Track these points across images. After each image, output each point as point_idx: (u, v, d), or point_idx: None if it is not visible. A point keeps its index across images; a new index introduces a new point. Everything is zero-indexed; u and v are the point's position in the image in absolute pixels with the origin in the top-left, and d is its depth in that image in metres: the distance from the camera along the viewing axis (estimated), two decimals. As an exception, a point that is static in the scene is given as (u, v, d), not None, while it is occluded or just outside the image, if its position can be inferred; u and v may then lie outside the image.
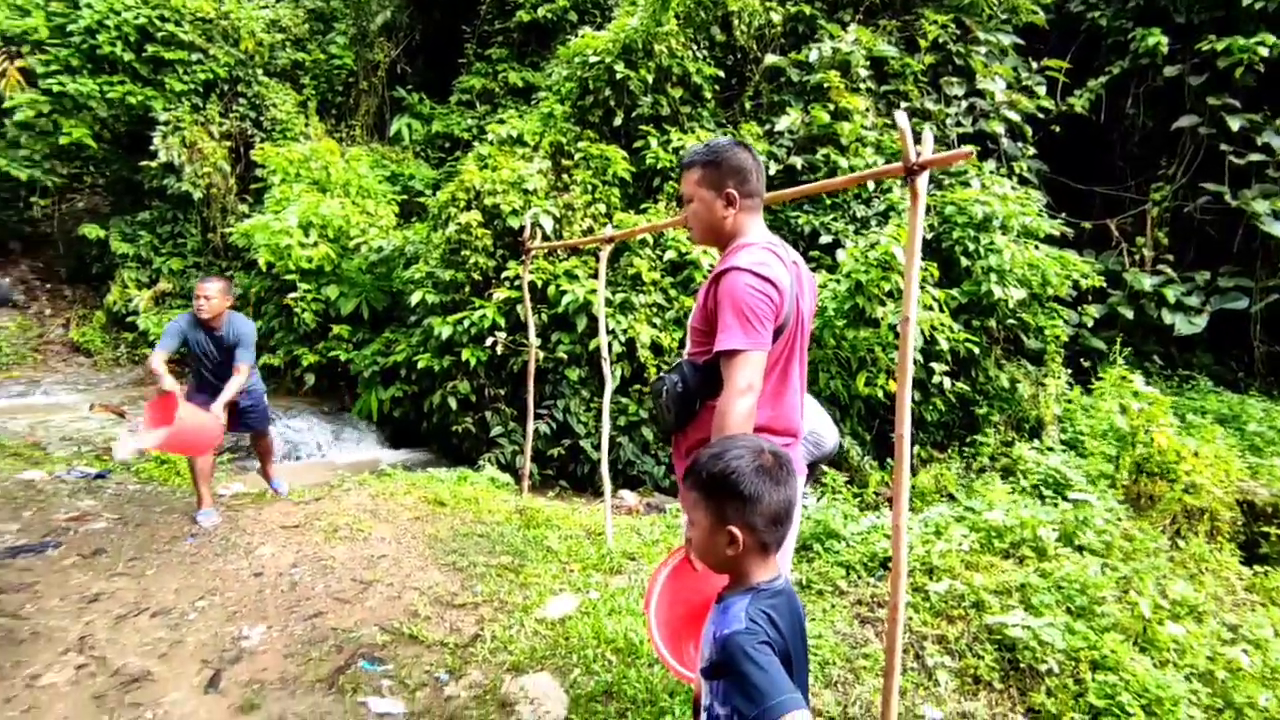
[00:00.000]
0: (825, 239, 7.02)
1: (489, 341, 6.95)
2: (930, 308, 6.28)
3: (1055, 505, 4.22)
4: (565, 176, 7.78)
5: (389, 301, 8.95)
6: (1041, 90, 8.10)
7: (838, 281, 6.15)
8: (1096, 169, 9.18)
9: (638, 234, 5.93)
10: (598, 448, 7.05)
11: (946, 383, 6.47)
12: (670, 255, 7.21)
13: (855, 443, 6.88)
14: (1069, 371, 7.37)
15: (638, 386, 7.05)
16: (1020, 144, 8.05)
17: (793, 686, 1.21)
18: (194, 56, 10.25)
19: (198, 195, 10.32)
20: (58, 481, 5.90)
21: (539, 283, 7.04)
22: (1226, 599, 3.63)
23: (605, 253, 4.44)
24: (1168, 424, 3.95)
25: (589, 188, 7.64)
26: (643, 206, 7.68)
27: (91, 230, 10.61)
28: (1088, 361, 8.26)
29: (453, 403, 7.36)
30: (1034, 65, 8.32)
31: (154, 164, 9.83)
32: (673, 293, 7.21)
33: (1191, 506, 3.86)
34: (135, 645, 3.09)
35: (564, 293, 6.87)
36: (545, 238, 7.28)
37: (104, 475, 6.14)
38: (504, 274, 7.28)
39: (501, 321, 7.13)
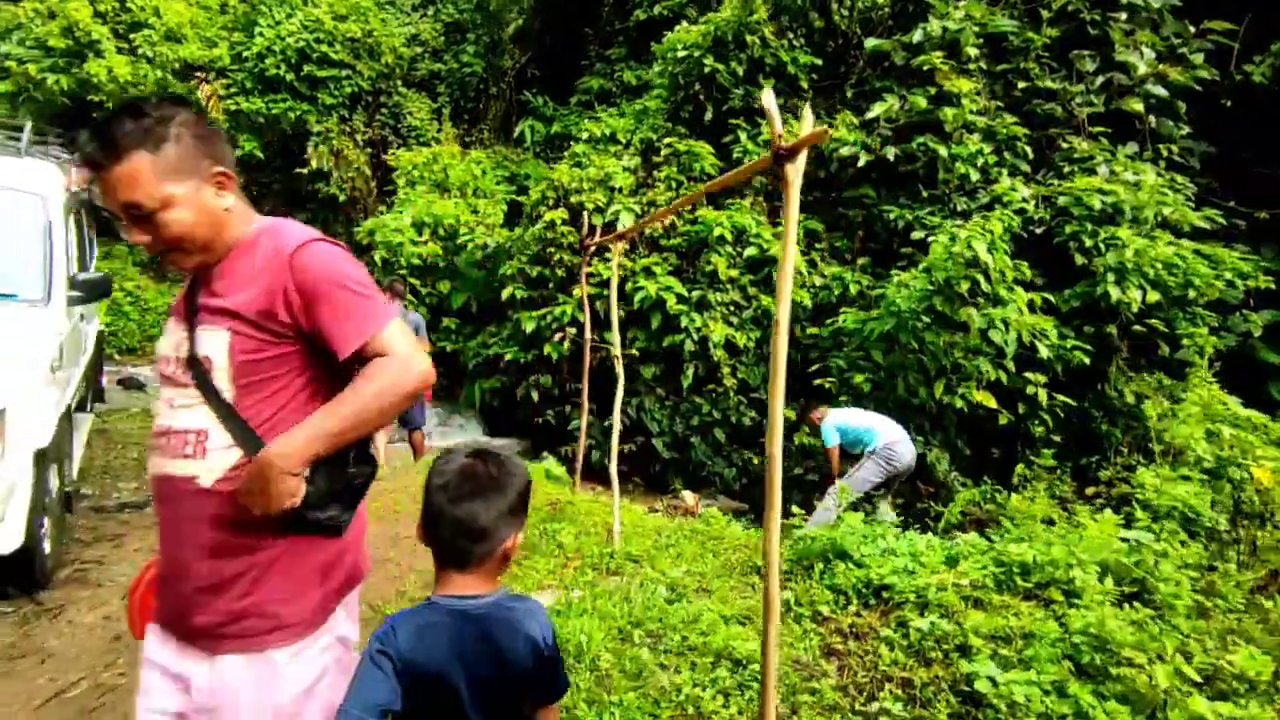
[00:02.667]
0: (918, 234, 6.48)
1: (557, 337, 7.11)
2: (1023, 310, 5.61)
3: (1175, 542, 3.59)
4: (656, 173, 7.77)
5: (494, 296, 9.41)
6: (1199, 59, 6.92)
7: (915, 279, 5.66)
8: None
9: (641, 227, 5.85)
10: (670, 446, 7.02)
11: (1044, 396, 5.75)
12: (750, 252, 6.98)
13: (945, 455, 6.32)
14: (1217, 386, 6.26)
15: (712, 386, 6.92)
16: (1173, 122, 6.94)
17: (369, 705, 1.15)
18: (343, 73, 11.33)
19: (343, 198, 11.42)
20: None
21: (614, 279, 7.09)
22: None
23: (617, 252, 4.38)
24: (1269, 455, 3.22)
25: (674, 184, 7.57)
26: (728, 202, 7.50)
27: (260, 230, 12.06)
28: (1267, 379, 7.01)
29: (534, 395, 7.61)
30: (1193, 29, 7.13)
31: (305, 170, 10.97)
32: (752, 290, 6.99)
33: (1300, 560, 3.14)
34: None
35: (639, 289, 6.88)
36: (640, 232, 7.32)
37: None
38: (589, 270, 7.41)
39: (582, 317, 7.26)
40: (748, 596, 3.46)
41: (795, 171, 1.91)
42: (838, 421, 5.45)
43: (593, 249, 5.90)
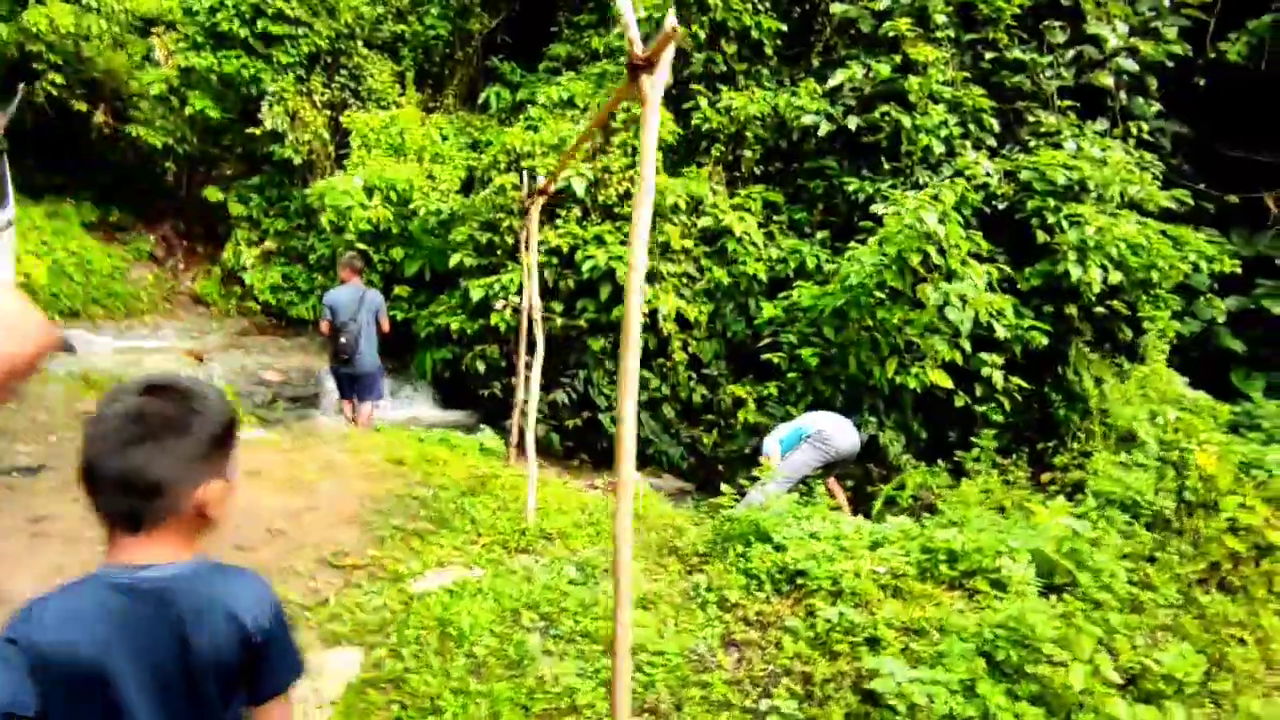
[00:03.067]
0: (878, 207, 6.22)
1: (499, 305, 6.81)
2: (980, 288, 5.38)
3: (1115, 531, 3.38)
4: (612, 139, 7.44)
5: (449, 264, 9.07)
6: (1173, 33, 6.68)
7: (868, 252, 5.40)
8: (1261, 132, 7.52)
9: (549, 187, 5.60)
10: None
11: (999, 378, 5.55)
12: (705, 222, 6.70)
13: (899, 437, 6.11)
14: (1183, 378, 6.09)
15: (661, 361, 6.66)
16: (1144, 99, 6.72)
17: None
18: (299, 31, 10.84)
19: (299, 161, 10.97)
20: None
21: (566, 247, 6.79)
22: (1266, 676, 2.77)
23: (535, 209, 4.09)
24: (1213, 440, 3.01)
25: (629, 150, 7.25)
26: (684, 171, 7.20)
27: (213, 194, 11.61)
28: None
29: (481, 366, 7.33)
30: (1168, 3, 6.88)
31: (258, 130, 10.52)
32: (705, 262, 6.72)
33: (1241, 552, 2.94)
34: (41, 568, 3.21)
35: (589, 258, 6.58)
36: (579, 199, 7.01)
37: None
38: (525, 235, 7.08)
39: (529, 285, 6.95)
40: (658, 579, 3.22)
41: (653, 85, 1.63)
42: (779, 436, 5.29)
43: (536, 211, 5.60)
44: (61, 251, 10.86)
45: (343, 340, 6.24)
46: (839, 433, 5.15)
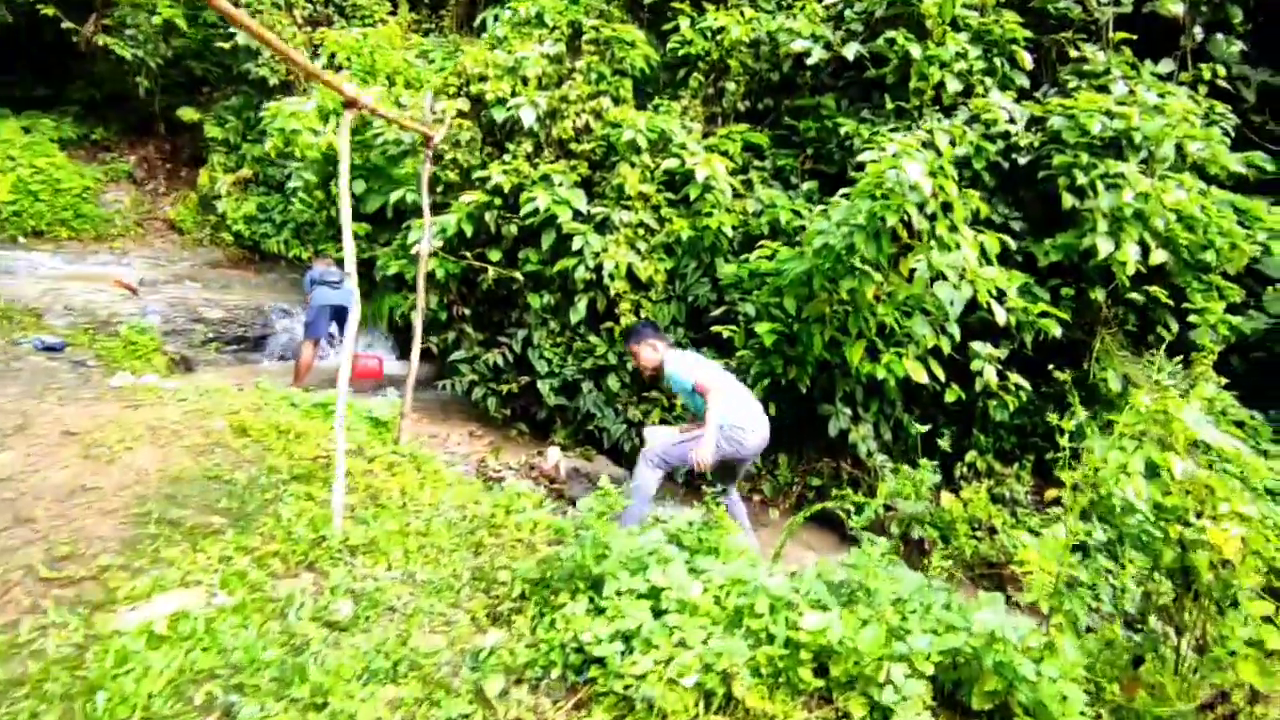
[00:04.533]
0: (867, 155, 5.13)
1: (416, 249, 5.96)
2: (979, 260, 4.31)
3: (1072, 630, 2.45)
4: (577, 63, 6.42)
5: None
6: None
7: (841, 208, 4.36)
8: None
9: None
10: (559, 391, 5.94)
11: (990, 374, 4.52)
12: (670, 164, 5.69)
13: (872, 433, 5.16)
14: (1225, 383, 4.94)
15: (609, 324, 5.75)
16: (1224, 36, 5.38)
17: None
18: (277, -66, 9.91)
19: (274, 81, 10.18)
20: (9, 345, 5.89)
21: (509, 186, 5.87)
22: None
23: (347, 120, 3.18)
24: (1238, 510, 2.02)
25: (596, 77, 6.23)
26: (655, 104, 6.16)
27: (187, 114, 10.92)
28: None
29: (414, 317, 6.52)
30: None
31: (228, 45, 9.72)
32: (666, 212, 5.73)
33: (1262, 689, 1.97)
34: None
35: (531, 200, 5.66)
36: (531, 131, 6.06)
37: (59, 348, 6.05)
38: (480, 175, 6.17)
39: (469, 230, 6.08)
40: (441, 630, 2.41)
41: None
42: (676, 369, 4.20)
43: (431, 147, 4.69)
44: (28, 168, 10.33)
45: (333, 268, 6.52)
46: (753, 425, 4.08)
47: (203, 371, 7.09)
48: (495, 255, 6.01)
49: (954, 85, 5.27)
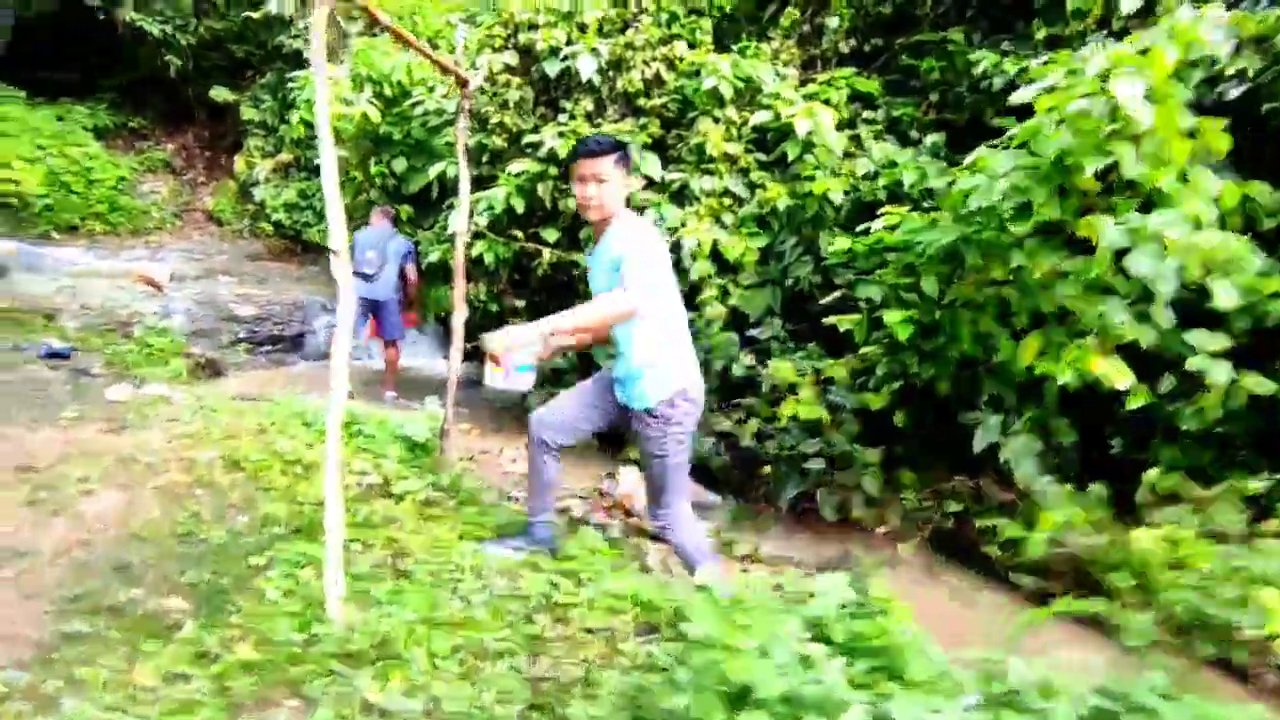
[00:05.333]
0: (1022, 95, 3.97)
1: (452, 228, 5.05)
2: (1201, 221, 3.14)
3: None
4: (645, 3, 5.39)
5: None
6: None
7: (1003, 160, 3.24)
8: None
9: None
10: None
11: (1221, 374, 3.34)
12: (761, 119, 4.63)
13: (1033, 448, 4.04)
14: None
15: (691, 316, 4.74)
16: None
17: None
18: (305, -108, 9.10)
19: (308, 53, 9.42)
20: (8, 353, 5.24)
21: (564, 152, 4.90)
22: None
23: (319, 21, 2.18)
24: None
25: (666, 19, 5.20)
26: (741, 46, 5.09)
27: (220, 94, 10.29)
28: None
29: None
30: None
31: (257, 14, 8.99)
32: (758, 176, 4.68)
33: None
34: None
35: (594, 169, 4.67)
36: (591, 86, 5.08)
37: (65, 354, 5.38)
38: (532, 139, 5.21)
39: (520, 206, 5.14)
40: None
41: None
42: (632, 238, 2.49)
43: (467, 103, 3.71)
44: (61, 158, 9.84)
45: (369, 255, 5.81)
46: (698, 390, 2.66)
47: (231, 376, 6.37)
48: (551, 235, 5.07)
49: (1130, 1, 4.06)
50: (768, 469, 4.50)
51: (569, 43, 5.16)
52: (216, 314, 7.19)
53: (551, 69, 5.15)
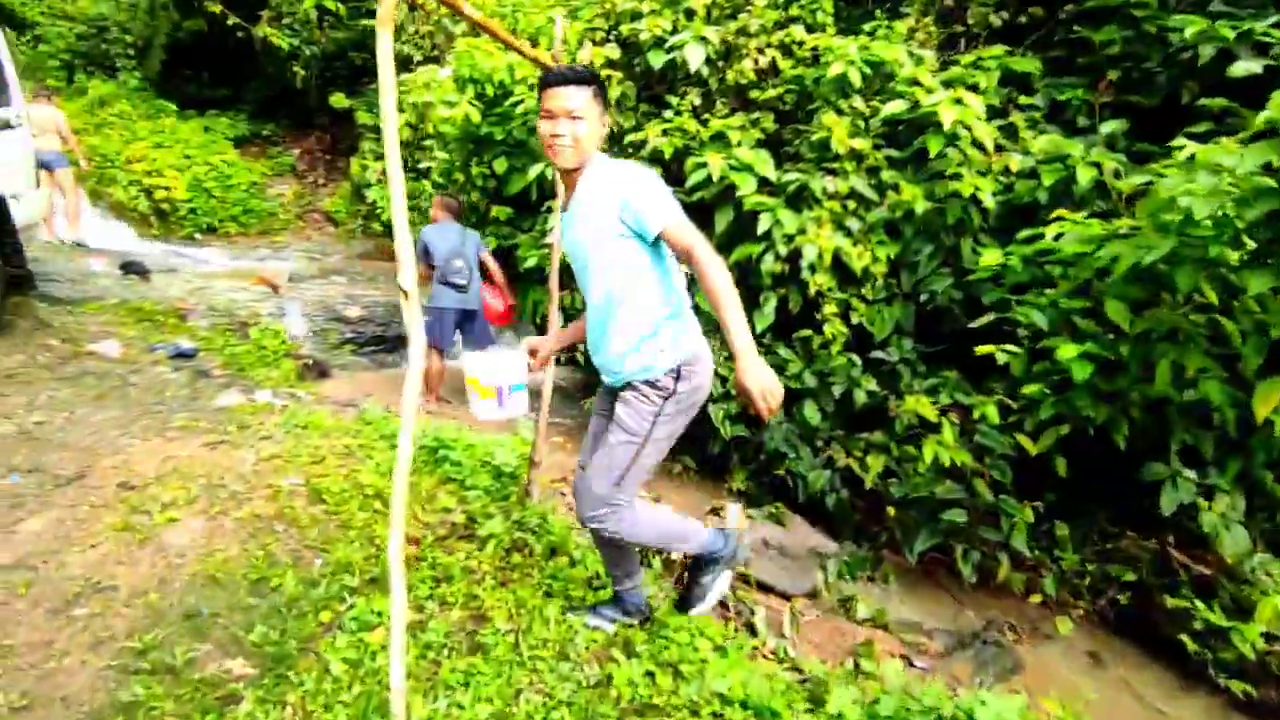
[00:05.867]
0: (1244, 66, 3.21)
1: (547, 238, 4.75)
2: None
3: None
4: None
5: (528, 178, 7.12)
6: None
7: (1235, 154, 2.54)
8: None
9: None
10: (736, 419, 4.54)
11: None
12: (894, 109, 4.04)
13: (1236, 511, 3.30)
14: None
15: (807, 333, 4.25)
16: None
17: None
18: (420, -105, 9.15)
19: (419, 56, 9.51)
20: (142, 353, 5.43)
21: (670, 151, 4.51)
22: None
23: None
24: None
25: (782, 1, 4.69)
26: (870, 27, 4.50)
27: (338, 100, 10.58)
28: None
29: (559, 317, 5.37)
30: None
31: (369, 23, 9.11)
32: (889, 176, 4.10)
33: None
34: None
35: (701, 166, 4.26)
36: (699, 78, 4.66)
37: (190, 354, 5.54)
38: (634, 138, 4.85)
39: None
40: None
41: None
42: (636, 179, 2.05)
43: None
44: (203, 166, 10.44)
45: (457, 264, 5.34)
46: (708, 362, 2.15)
47: (336, 378, 6.41)
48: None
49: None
50: (893, 512, 3.94)
51: (674, 31, 4.74)
52: (326, 314, 7.30)
53: (656, 61, 4.75)
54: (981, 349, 3.38)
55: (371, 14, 9.85)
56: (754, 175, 4.15)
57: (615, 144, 5.11)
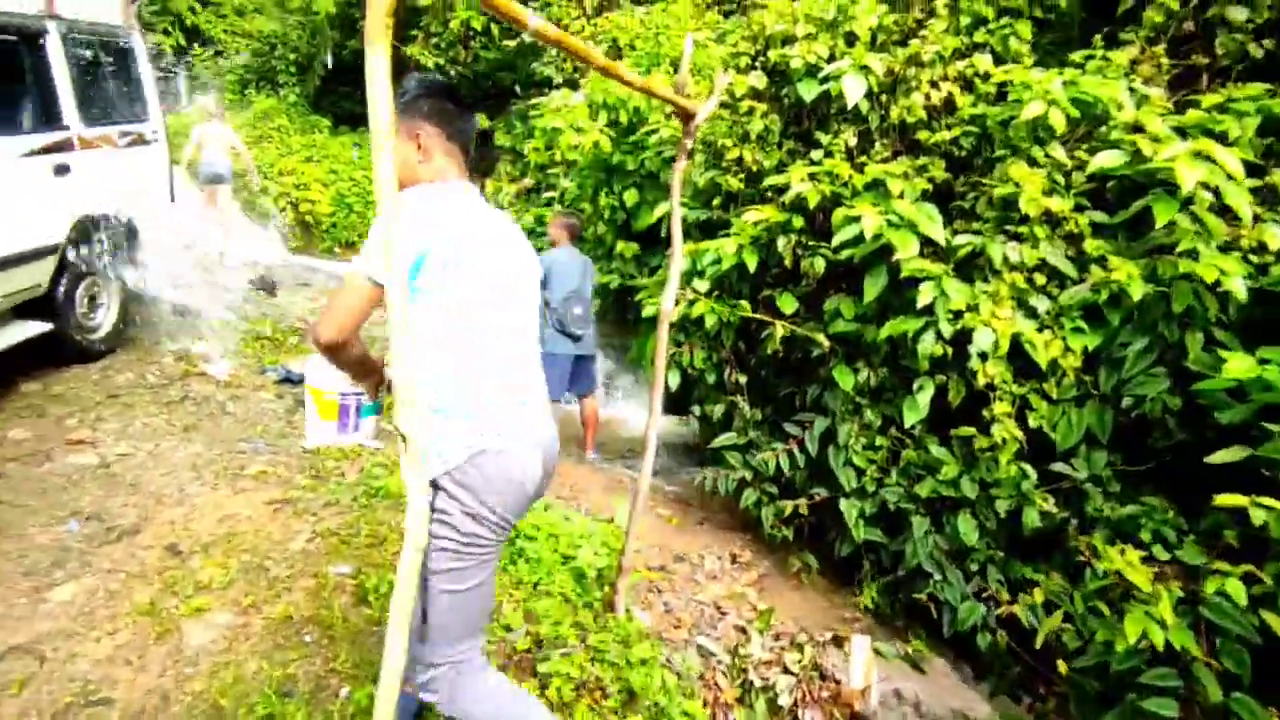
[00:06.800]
0: None
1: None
2: None
3: None
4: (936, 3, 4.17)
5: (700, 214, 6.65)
6: None
7: None
8: None
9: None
10: (871, 522, 3.81)
11: None
12: (1107, 161, 3.19)
13: None
14: None
15: (969, 430, 3.45)
16: None
17: None
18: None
19: (559, 79, 9.36)
20: (252, 374, 5.42)
21: (816, 199, 3.85)
22: None
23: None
24: None
25: (968, 23, 3.94)
26: (1078, 57, 3.65)
27: (482, 120, 10.64)
28: None
29: (674, 375, 4.83)
30: None
31: (513, 43, 9.08)
32: (1094, 246, 3.24)
33: None
34: None
35: (852, 220, 3.58)
36: (857, 113, 4.00)
37: (297, 380, 5.47)
38: (774, 181, 4.23)
39: (752, 263, 4.18)
40: None
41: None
42: None
43: (698, 121, 2.76)
44: (347, 181, 10.83)
45: (577, 311, 4.90)
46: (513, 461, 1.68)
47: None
48: (788, 304, 4.03)
49: None
50: (1065, 669, 3.06)
51: (831, 59, 4.10)
52: (442, 343, 7.16)
53: (807, 92, 4.12)
54: (1223, 499, 2.49)
55: (515, 35, 9.84)
56: (916, 234, 3.41)
57: (751, 184, 4.53)
